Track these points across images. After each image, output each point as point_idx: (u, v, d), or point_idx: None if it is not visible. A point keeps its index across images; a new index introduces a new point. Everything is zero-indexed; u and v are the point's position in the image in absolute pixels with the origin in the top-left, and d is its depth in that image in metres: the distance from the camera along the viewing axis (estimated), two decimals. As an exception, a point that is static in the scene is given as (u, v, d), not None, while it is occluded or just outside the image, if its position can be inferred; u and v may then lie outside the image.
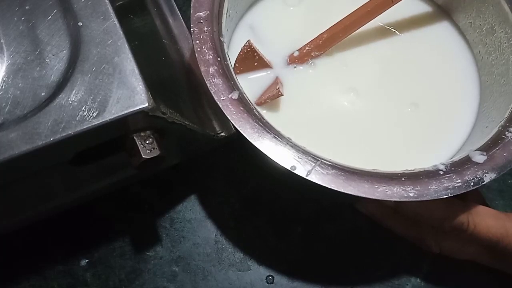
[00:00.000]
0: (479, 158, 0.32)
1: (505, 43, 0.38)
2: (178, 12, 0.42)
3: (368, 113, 0.39)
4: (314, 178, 0.30)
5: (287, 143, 0.31)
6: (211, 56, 0.33)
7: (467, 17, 0.42)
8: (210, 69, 0.33)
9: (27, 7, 0.30)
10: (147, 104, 0.28)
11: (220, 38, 0.35)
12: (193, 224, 0.40)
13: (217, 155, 0.42)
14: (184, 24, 0.41)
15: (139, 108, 0.28)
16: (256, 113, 0.32)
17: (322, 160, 0.31)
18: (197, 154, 0.41)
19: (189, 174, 0.41)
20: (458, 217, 0.33)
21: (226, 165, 0.42)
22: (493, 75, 0.39)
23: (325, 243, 0.40)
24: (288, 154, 0.31)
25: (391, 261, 0.39)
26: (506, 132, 0.33)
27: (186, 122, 0.33)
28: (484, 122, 0.38)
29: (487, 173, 0.31)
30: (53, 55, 0.29)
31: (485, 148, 0.33)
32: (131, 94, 0.29)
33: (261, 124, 0.32)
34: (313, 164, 0.31)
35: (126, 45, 0.30)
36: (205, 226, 0.40)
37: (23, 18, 0.30)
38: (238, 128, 0.31)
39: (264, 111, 0.38)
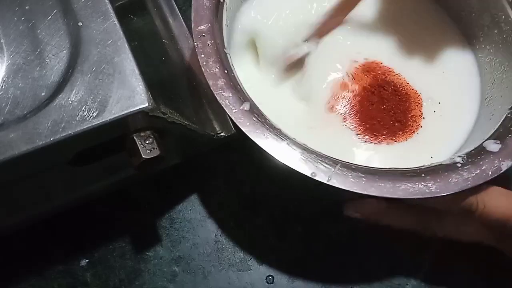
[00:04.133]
0: (494, 147, 0.32)
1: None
2: (178, 12, 0.42)
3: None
4: (335, 182, 0.30)
5: (304, 149, 0.31)
6: (218, 69, 0.33)
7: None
8: (219, 82, 0.32)
9: (27, 7, 0.30)
10: (147, 104, 0.28)
11: (224, 50, 0.34)
12: (193, 224, 0.40)
13: (217, 155, 0.42)
14: (184, 24, 0.41)
15: (139, 108, 0.28)
16: (268, 121, 0.32)
17: (341, 163, 0.30)
18: (197, 154, 0.41)
19: (189, 174, 0.41)
20: (467, 199, 0.32)
21: (226, 165, 0.42)
22: (492, 62, 0.39)
23: (325, 243, 0.40)
24: (306, 160, 0.30)
25: (391, 261, 0.39)
26: None
27: (186, 122, 0.33)
28: (489, 109, 0.37)
29: (503, 161, 0.31)
30: (53, 55, 0.29)
31: (498, 136, 0.33)
32: (131, 94, 0.29)
33: (276, 132, 0.31)
34: (332, 169, 0.30)
35: (126, 45, 0.30)
36: (205, 226, 0.40)
37: (23, 18, 0.30)
38: (255, 141, 0.31)
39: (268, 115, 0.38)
